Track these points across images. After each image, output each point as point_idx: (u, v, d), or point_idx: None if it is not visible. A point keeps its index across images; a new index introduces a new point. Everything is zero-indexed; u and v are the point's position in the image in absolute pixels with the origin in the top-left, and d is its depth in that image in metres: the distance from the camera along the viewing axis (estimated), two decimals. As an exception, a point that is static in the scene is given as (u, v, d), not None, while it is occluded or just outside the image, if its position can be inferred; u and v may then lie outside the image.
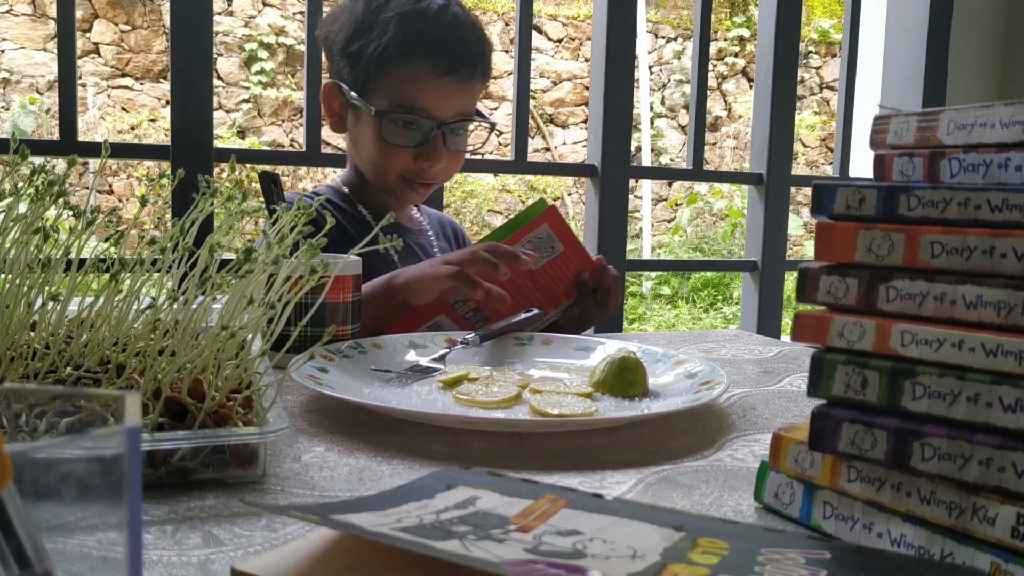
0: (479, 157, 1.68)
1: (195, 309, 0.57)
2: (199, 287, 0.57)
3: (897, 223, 0.43)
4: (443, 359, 0.82)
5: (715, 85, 6.33)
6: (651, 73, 6.18)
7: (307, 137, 1.51)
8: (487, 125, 1.18)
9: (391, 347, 0.85)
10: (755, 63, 1.93)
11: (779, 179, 1.90)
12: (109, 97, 5.17)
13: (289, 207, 1.17)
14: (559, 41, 6.07)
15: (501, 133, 5.24)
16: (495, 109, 5.71)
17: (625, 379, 0.72)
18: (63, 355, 0.56)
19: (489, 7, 5.81)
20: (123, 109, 5.18)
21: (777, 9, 1.84)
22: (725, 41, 6.36)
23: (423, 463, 0.56)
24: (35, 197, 0.58)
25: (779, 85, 1.86)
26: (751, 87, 5.98)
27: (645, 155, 5.87)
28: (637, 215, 5.89)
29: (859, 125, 2.00)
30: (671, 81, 6.33)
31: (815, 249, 0.46)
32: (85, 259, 0.60)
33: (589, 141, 1.78)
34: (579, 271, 1.08)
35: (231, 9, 5.37)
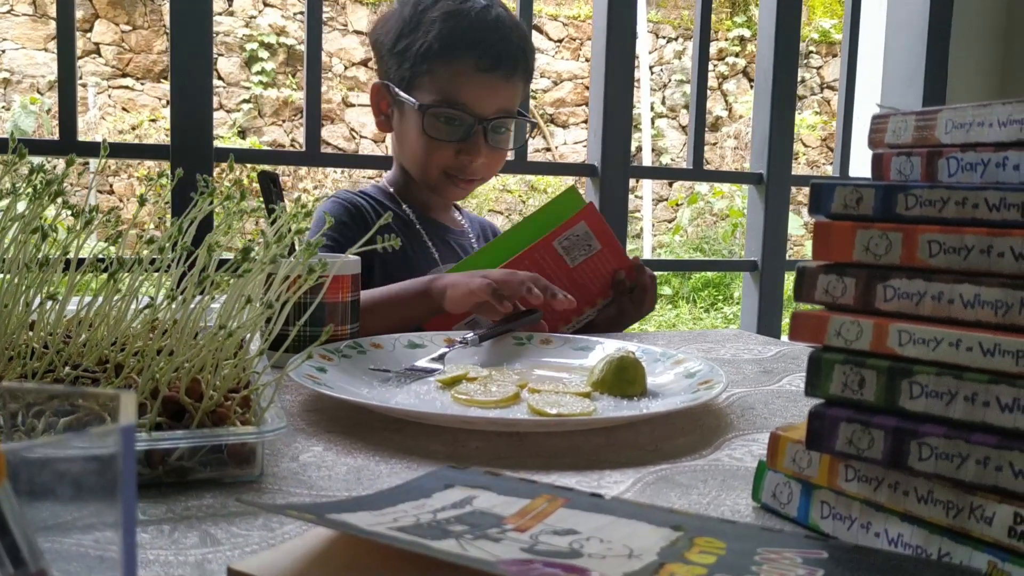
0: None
1: (193, 308, 0.57)
2: (197, 286, 0.57)
3: (895, 222, 0.43)
4: (442, 359, 0.82)
5: (715, 85, 6.33)
6: (651, 73, 6.18)
7: (307, 137, 1.51)
8: (529, 124, 1.22)
9: (390, 347, 0.85)
10: (755, 63, 1.93)
11: (779, 179, 1.90)
12: (110, 97, 5.17)
13: (334, 202, 1.19)
14: (559, 41, 6.07)
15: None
16: (495, 109, 5.69)
17: (624, 379, 0.72)
18: (61, 354, 0.56)
19: (490, 7, 5.80)
20: (124, 109, 5.19)
21: (777, 9, 1.84)
22: (726, 41, 6.36)
23: (421, 463, 0.56)
24: (33, 196, 0.58)
25: (779, 85, 1.86)
26: (752, 87, 5.97)
27: (645, 155, 5.87)
28: (637, 215, 5.89)
29: (859, 125, 2.00)
30: (671, 81, 6.33)
31: (812, 248, 0.45)
32: (83, 259, 0.60)
33: (589, 141, 1.78)
34: (615, 270, 1.08)
35: (231, 9, 5.38)
